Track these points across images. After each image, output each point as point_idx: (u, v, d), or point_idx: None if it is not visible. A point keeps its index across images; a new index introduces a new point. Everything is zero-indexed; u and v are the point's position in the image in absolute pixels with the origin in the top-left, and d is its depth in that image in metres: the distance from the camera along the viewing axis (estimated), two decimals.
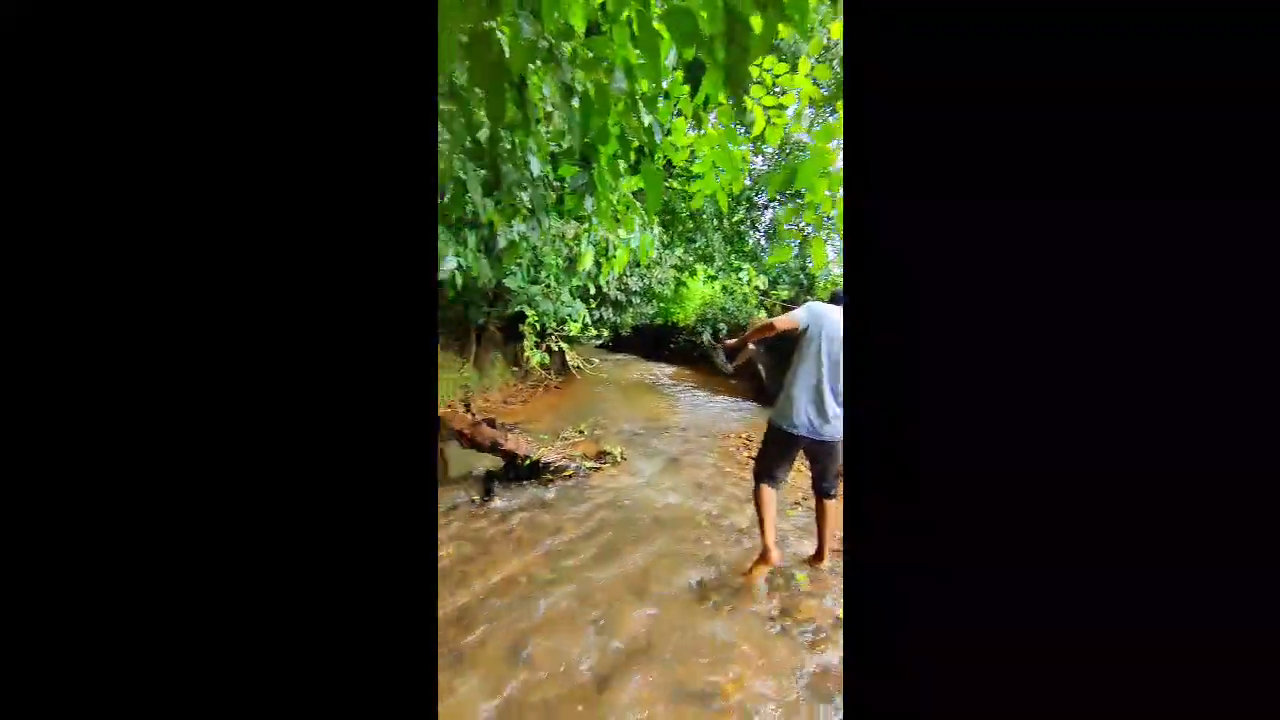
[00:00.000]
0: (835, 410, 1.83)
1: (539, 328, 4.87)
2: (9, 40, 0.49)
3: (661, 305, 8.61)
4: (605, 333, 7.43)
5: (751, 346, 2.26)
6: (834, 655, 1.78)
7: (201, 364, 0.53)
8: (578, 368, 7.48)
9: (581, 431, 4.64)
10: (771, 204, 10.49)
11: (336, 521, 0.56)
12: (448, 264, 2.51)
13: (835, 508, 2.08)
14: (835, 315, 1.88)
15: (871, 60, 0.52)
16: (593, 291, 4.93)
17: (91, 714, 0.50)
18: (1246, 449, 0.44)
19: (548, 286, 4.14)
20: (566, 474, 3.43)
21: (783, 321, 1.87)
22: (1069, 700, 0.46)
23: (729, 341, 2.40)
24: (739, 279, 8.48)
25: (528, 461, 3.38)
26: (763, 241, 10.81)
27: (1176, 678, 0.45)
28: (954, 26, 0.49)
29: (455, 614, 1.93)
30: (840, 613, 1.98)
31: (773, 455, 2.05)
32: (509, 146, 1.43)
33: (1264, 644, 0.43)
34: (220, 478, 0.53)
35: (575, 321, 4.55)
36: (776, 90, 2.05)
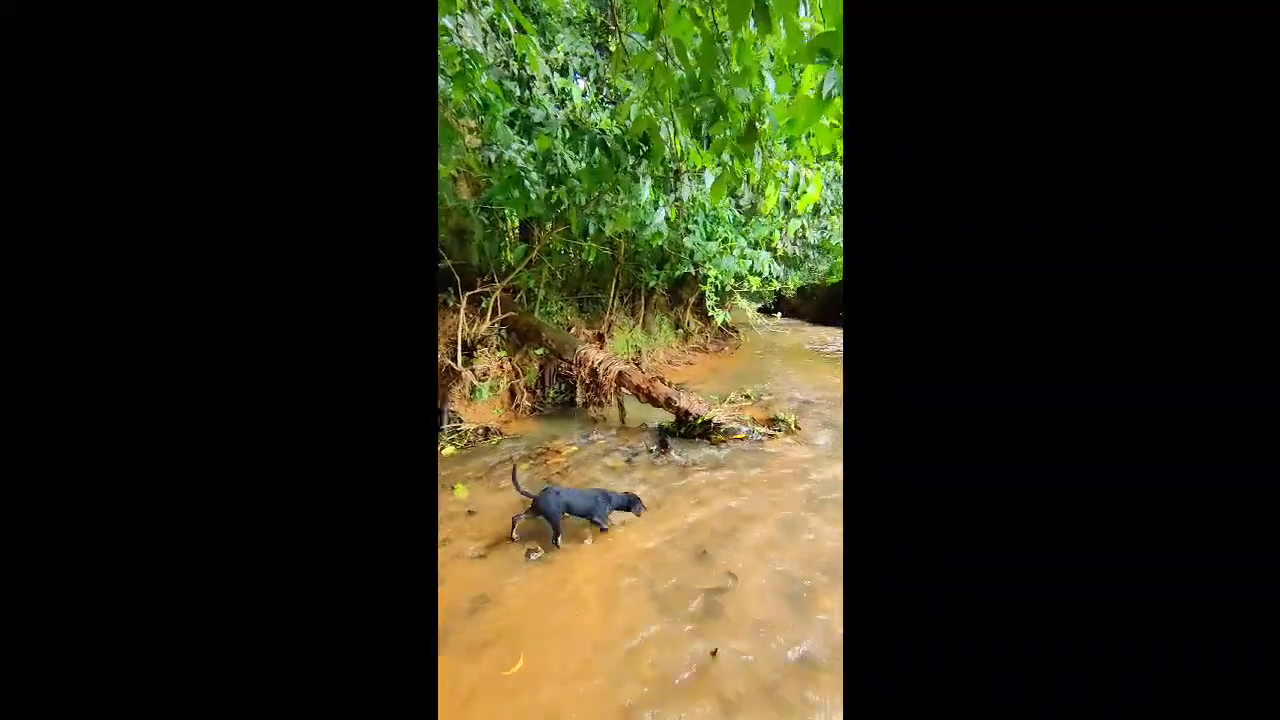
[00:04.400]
0: None
1: (719, 286, 4.75)
2: (9, 40, 0.49)
3: (838, 261, 7.55)
4: (767, 296, 6.90)
5: None
6: None
7: (202, 361, 0.53)
8: (736, 330, 7.24)
9: (748, 396, 4.49)
10: None
11: (337, 518, 0.55)
12: (659, 215, 2.58)
13: None
14: None
15: None
16: (768, 245, 4.56)
17: (92, 712, 0.49)
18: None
19: (724, 240, 3.98)
20: (739, 436, 3.37)
21: None
22: (1065, 693, 0.50)
23: None
24: None
25: (700, 420, 3.43)
26: None
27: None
28: None
29: (649, 552, 2.08)
30: None
31: None
32: (735, 71, 1.28)
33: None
34: (217, 474, 0.53)
35: (757, 275, 4.28)
36: None
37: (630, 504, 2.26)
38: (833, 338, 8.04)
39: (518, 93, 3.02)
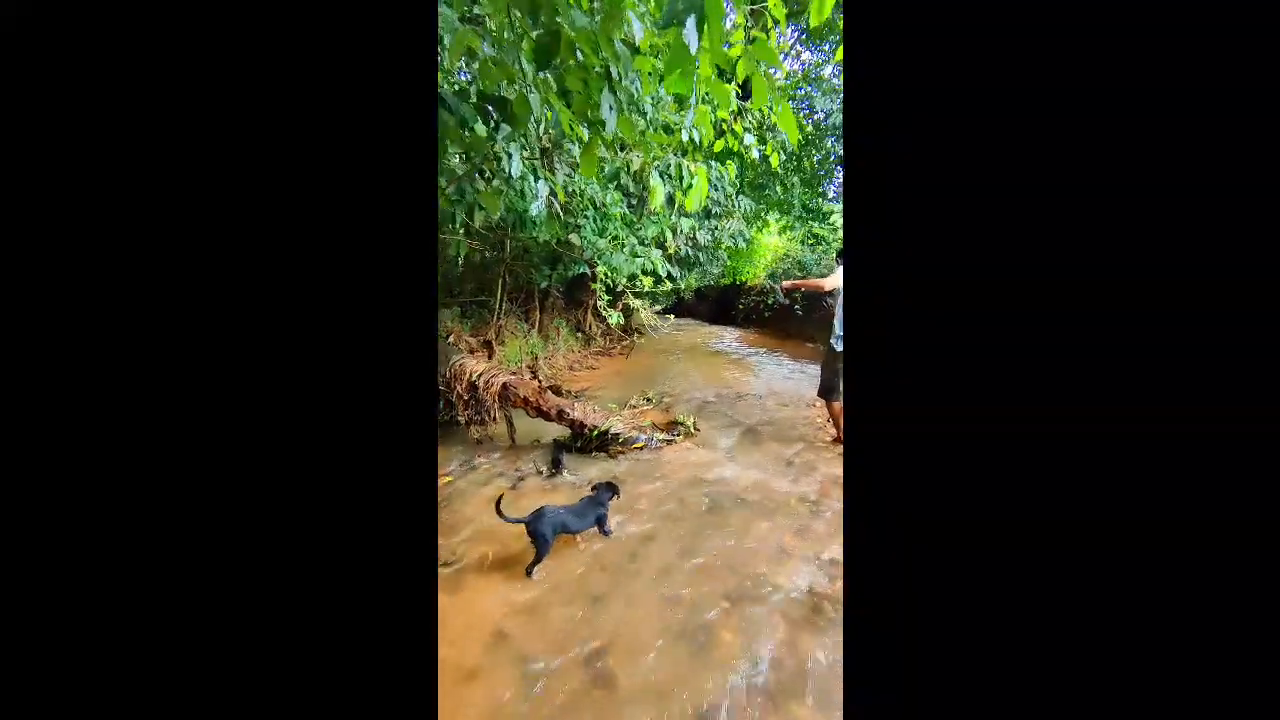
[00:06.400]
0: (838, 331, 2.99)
1: (610, 285, 4.49)
2: (9, 40, 0.48)
3: (730, 263, 7.89)
4: (665, 297, 6.96)
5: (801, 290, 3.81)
6: None
7: (203, 360, 0.52)
8: (639, 331, 7.16)
9: (649, 400, 4.34)
10: None
11: (337, 517, 0.54)
12: (541, 190, 2.22)
13: (839, 407, 3.15)
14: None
15: None
16: (659, 243, 4.45)
17: (91, 713, 0.49)
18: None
19: (614, 238, 3.75)
20: (637, 446, 3.16)
21: (828, 282, 3.00)
22: (1069, 694, 0.49)
23: (786, 284, 3.34)
24: (831, 225, 7.39)
25: (596, 432, 3.15)
26: None
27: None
28: None
29: (526, 605, 1.74)
30: None
31: (831, 371, 3.09)
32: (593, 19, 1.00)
33: None
34: (219, 473, 0.52)
35: (648, 275, 4.12)
36: None
37: (610, 491, 2.24)
38: (727, 335, 8.44)
39: None
